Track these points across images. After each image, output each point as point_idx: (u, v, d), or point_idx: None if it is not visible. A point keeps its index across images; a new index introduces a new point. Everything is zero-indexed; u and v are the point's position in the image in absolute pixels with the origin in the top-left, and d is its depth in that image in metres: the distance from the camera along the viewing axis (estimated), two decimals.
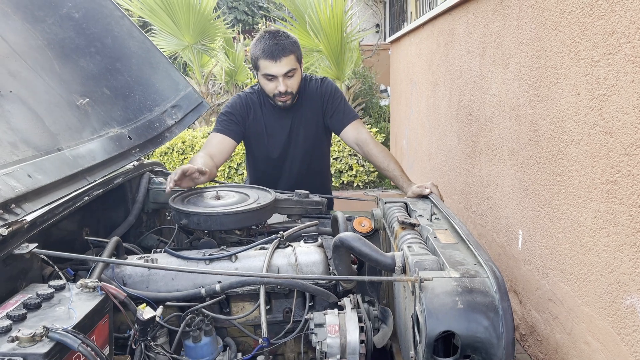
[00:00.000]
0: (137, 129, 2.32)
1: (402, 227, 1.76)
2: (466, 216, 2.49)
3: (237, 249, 1.78)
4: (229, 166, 5.62)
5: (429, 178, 3.45)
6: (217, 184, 2.62)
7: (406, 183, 2.31)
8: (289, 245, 1.80)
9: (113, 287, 1.36)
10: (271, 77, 2.37)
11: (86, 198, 1.74)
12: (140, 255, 1.80)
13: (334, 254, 1.65)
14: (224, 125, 2.51)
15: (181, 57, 6.89)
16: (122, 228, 2.05)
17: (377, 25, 10.56)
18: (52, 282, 1.37)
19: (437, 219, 1.88)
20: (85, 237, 1.89)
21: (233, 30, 7.90)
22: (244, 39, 7.88)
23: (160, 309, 1.45)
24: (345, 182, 5.71)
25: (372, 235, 2.37)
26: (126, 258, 1.79)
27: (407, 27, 4.44)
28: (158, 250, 1.89)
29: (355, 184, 5.73)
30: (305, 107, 2.56)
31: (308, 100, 2.56)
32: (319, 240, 1.83)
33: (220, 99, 7.25)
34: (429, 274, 1.36)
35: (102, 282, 1.35)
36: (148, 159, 2.57)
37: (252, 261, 1.76)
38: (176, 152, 5.66)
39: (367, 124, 6.35)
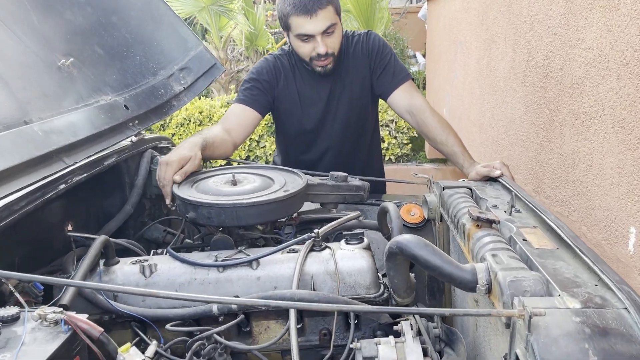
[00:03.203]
0: (137, 96, 1.90)
1: (477, 225, 1.32)
2: (538, 202, 2.03)
3: (260, 252, 1.36)
4: (250, 138, 5.20)
5: (479, 154, 2.98)
6: (238, 164, 2.19)
7: (468, 162, 1.85)
8: (326, 247, 1.38)
9: (84, 319, 0.95)
10: (307, 37, 1.92)
11: (62, 186, 1.33)
12: (135, 259, 1.40)
13: (387, 263, 1.22)
14: (247, 94, 2.08)
15: (198, 21, 6.42)
16: (116, 220, 1.65)
17: None
18: (1, 311, 0.97)
19: (518, 211, 1.43)
20: (69, 233, 1.50)
21: None
22: (264, 2, 7.36)
23: (151, 350, 1.04)
24: None
25: (424, 226, 1.94)
26: (117, 262, 1.40)
27: None
28: (159, 251, 1.50)
29: (387, 158, 5.26)
30: (349, 69, 2.10)
31: (351, 60, 2.10)
32: (365, 240, 1.40)
33: (239, 65, 6.77)
34: (536, 302, 0.94)
35: (69, 314, 0.94)
36: (151, 132, 2.15)
37: (279, 268, 1.34)
38: (193, 122, 5.26)
39: None
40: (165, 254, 1.44)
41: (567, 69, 1.77)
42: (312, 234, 1.37)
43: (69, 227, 1.51)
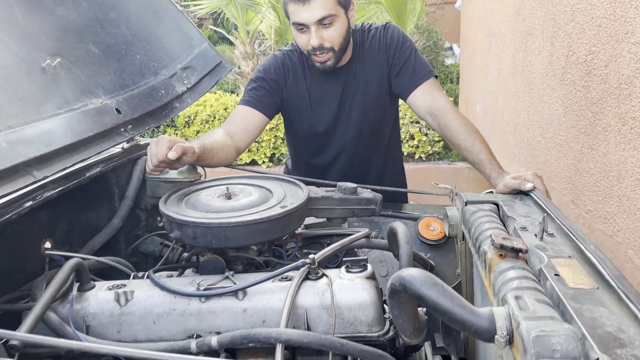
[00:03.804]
0: (132, 98, 1.75)
1: (501, 255, 1.12)
2: (575, 215, 1.80)
3: (247, 281, 1.19)
4: (275, 135, 5.05)
5: (513, 156, 2.73)
6: (244, 173, 2.02)
7: (495, 171, 1.64)
8: (323, 274, 1.20)
9: None
10: (302, 27, 1.74)
11: (28, 203, 1.19)
12: (112, 283, 1.26)
13: (390, 300, 1.03)
14: (253, 94, 1.91)
15: (224, 15, 6.30)
16: (102, 235, 1.51)
17: None
18: None
19: (552, 235, 1.22)
20: (46, 252, 1.36)
21: None
22: None
23: None
24: (405, 153, 5.02)
25: (445, 244, 1.74)
26: (94, 286, 1.26)
27: None
28: (140, 274, 1.35)
29: (417, 156, 5.03)
30: (364, 66, 1.91)
31: (368, 56, 1.91)
32: (369, 268, 1.21)
33: None
34: None
35: None
36: (158, 133, 2.00)
37: (268, 300, 1.17)
38: (218, 119, 5.14)
39: None
40: (147, 277, 1.29)
41: (613, 66, 1.53)
42: (307, 260, 1.19)
43: (47, 245, 1.38)
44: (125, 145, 1.67)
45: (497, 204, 1.46)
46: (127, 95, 1.75)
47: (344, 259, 1.23)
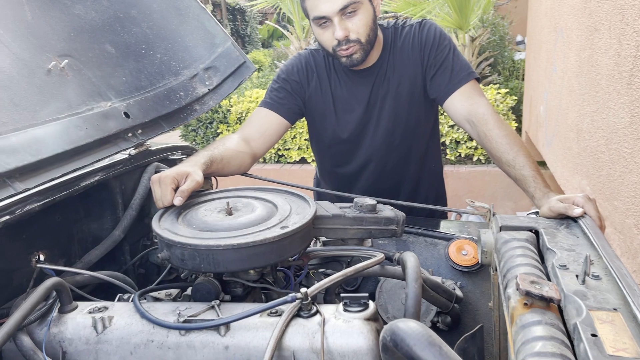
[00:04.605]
0: (146, 101, 1.66)
1: (526, 304, 0.92)
2: (639, 243, 1.54)
3: (232, 314, 1.06)
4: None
5: (575, 166, 2.44)
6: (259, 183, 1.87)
7: (540, 191, 1.41)
8: (316, 312, 1.05)
9: None
10: (324, 21, 1.58)
11: (5, 217, 1.11)
12: (94, 306, 1.16)
13: (383, 355, 0.86)
14: (274, 96, 1.78)
15: (281, 10, 6.21)
16: (101, 248, 1.42)
17: None
18: None
19: (597, 277, 1.01)
20: (38, 265, 1.29)
21: None
22: None
23: None
24: (462, 155, 4.73)
25: (479, 270, 1.54)
26: (75, 307, 1.17)
27: None
28: (125, 297, 1.25)
29: (475, 158, 4.73)
30: (395, 66, 1.73)
31: (400, 56, 1.72)
32: (371, 306, 1.04)
33: None
34: None
35: None
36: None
37: (252, 338, 1.03)
38: None
39: (495, 84, 5.22)
40: (131, 300, 1.18)
41: None
42: (299, 294, 1.03)
43: (40, 257, 1.31)
44: (133, 151, 1.58)
45: (537, 232, 1.25)
46: (141, 98, 1.66)
47: (342, 294, 1.06)
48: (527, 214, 1.47)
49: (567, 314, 0.91)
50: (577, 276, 1.01)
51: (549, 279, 1.05)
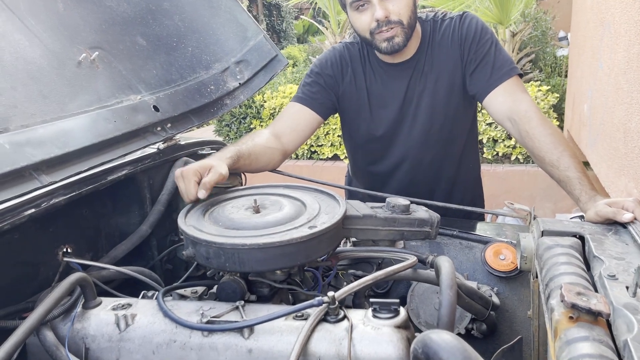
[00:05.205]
0: (176, 94, 1.64)
1: (571, 318, 0.85)
2: None
3: (257, 316, 1.02)
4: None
5: (622, 167, 2.31)
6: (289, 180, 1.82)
7: (586, 194, 1.32)
8: (344, 317, 1.00)
9: None
10: (362, 4, 1.52)
11: (30, 211, 1.10)
12: (118, 303, 1.14)
13: None
14: (306, 90, 1.73)
15: (316, 4, 6.16)
16: (127, 243, 1.41)
17: None
18: None
19: None
20: (64, 259, 1.28)
21: None
22: None
23: None
24: (500, 154, 4.59)
25: (518, 276, 1.46)
26: (99, 303, 1.15)
27: None
28: (149, 294, 1.22)
29: (513, 157, 4.59)
30: (433, 61, 1.66)
31: (438, 50, 1.65)
32: (401, 313, 0.98)
33: None
34: None
35: None
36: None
37: (277, 342, 0.99)
38: None
39: (536, 81, 5.05)
40: (156, 297, 1.16)
41: None
42: (326, 298, 0.99)
43: (67, 251, 1.30)
44: (161, 145, 1.56)
45: (582, 237, 1.17)
46: (171, 91, 1.64)
47: (371, 299, 1.01)
48: (571, 218, 1.38)
49: (617, 330, 0.83)
50: (627, 288, 0.94)
51: (595, 290, 0.97)
